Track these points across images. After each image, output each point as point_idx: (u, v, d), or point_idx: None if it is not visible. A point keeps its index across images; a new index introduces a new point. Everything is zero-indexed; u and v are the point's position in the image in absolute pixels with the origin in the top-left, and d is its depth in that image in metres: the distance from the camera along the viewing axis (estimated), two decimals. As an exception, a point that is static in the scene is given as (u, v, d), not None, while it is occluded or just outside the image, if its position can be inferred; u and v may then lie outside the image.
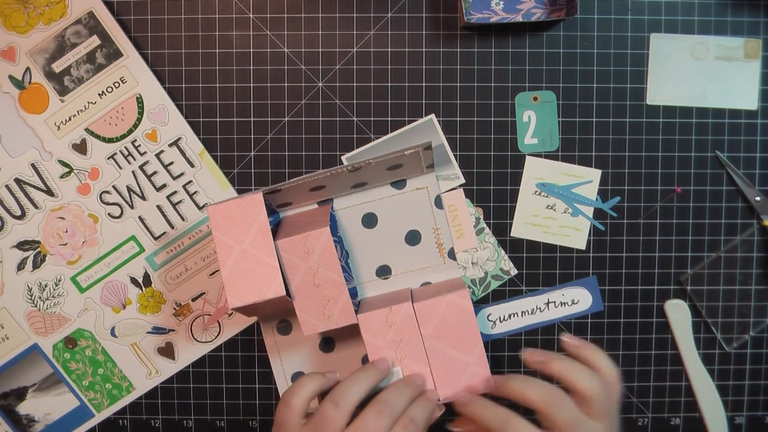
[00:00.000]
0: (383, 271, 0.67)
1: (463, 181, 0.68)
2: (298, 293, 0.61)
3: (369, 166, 0.61)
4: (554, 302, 0.69)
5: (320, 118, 0.67)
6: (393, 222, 0.67)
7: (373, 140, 0.67)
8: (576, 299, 0.69)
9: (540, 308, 0.69)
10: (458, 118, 0.67)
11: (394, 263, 0.67)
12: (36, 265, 0.68)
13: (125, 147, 0.67)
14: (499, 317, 0.69)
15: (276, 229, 0.64)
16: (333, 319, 0.61)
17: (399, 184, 0.67)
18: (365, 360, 0.68)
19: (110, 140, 0.67)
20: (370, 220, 0.67)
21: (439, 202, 0.67)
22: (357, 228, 0.67)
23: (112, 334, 0.69)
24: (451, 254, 0.67)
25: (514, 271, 0.68)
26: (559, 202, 0.68)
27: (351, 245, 0.67)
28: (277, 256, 0.60)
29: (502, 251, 0.68)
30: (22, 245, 0.67)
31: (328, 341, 0.69)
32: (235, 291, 0.58)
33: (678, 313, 0.69)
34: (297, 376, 0.69)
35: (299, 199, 0.65)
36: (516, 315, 0.69)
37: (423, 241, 0.67)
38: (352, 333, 0.68)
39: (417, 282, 0.68)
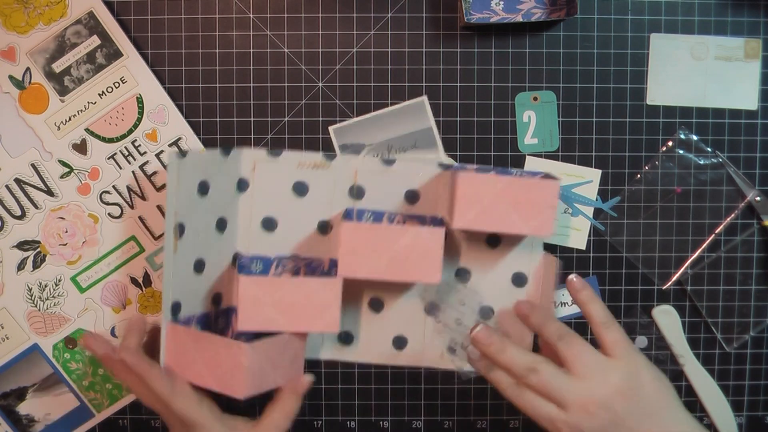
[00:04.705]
0: None
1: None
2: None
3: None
4: (554, 302, 0.69)
5: (320, 118, 0.67)
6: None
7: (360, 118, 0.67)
8: (576, 299, 0.69)
9: (540, 308, 0.69)
10: (458, 118, 0.67)
11: None
12: (36, 265, 0.68)
13: (125, 147, 0.67)
14: (499, 317, 0.69)
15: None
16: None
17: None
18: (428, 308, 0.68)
19: (110, 140, 0.67)
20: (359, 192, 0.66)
21: None
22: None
23: (112, 334, 0.69)
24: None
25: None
26: (558, 202, 0.68)
27: None
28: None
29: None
30: (22, 245, 0.67)
31: (376, 302, 0.68)
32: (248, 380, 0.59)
33: (667, 319, 0.68)
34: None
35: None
36: (516, 315, 0.69)
37: None
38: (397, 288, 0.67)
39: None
